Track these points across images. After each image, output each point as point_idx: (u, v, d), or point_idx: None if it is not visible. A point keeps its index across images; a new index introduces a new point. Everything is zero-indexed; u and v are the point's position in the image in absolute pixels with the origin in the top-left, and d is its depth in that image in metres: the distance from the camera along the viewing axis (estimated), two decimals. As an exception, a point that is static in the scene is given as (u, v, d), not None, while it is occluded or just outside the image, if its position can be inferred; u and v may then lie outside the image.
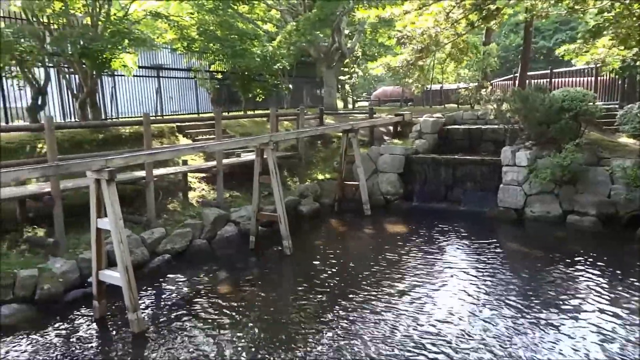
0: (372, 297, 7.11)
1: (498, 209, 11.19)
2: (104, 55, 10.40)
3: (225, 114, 15.92)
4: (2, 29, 9.55)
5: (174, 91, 18.38)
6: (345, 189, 12.67)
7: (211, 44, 13.90)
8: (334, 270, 8.38)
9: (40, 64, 10.62)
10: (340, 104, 23.61)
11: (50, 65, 11.16)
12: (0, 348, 5.89)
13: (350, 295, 7.22)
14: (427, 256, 8.81)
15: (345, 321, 6.41)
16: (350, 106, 26.67)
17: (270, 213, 9.75)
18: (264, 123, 16.33)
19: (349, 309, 6.77)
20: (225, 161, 11.00)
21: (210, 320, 6.55)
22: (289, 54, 16.76)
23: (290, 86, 19.90)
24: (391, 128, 15.62)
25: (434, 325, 6.20)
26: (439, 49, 16.24)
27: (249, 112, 18.36)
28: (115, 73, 13.86)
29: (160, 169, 10.10)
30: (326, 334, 6.11)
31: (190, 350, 5.78)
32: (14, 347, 5.94)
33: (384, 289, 7.41)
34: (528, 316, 6.35)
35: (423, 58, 15.18)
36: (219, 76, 18.70)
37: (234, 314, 6.76)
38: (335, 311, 6.73)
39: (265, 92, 18.59)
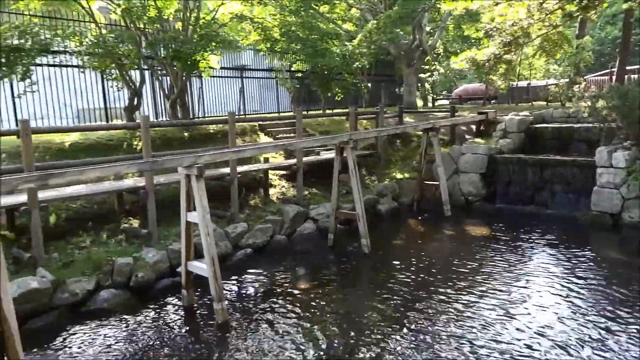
0: (451, 301, 6.91)
1: (591, 213, 10.44)
2: (193, 58, 10.94)
3: (304, 112, 16.19)
4: (105, 35, 10.35)
5: (256, 91, 18.99)
6: (425, 189, 12.42)
7: (293, 44, 14.20)
8: (412, 270, 8.25)
9: (136, 67, 11.38)
10: (419, 103, 23.16)
11: (145, 68, 11.92)
12: (97, 329, 6.39)
13: (429, 297, 7.07)
14: (512, 263, 8.34)
15: (423, 323, 6.28)
16: (430, 104, 26.11)
17: (349, 211, 9.78)
18: (343, 122, 16.41)
19: (427, 311, 6.63)
20: (305, 159, 11.19)
21: (289, 314, 6.69)
22: (368, 52, 16.70)
23: (369, 85, 19.83)
24: (473, 127, 15.08)
25: (518, 338, 5.85)
26: (528, 42, 15.44)
27: (327, 111, 18.54)
28: (202, 74, 14.55)
29: (243, 166, 10.47)
30: (403, 334, 6.03)
31: (269, 342, 5.93)
32: (111, 328, 6.41)
33: (463, 294, 7.14)
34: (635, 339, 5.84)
35: (511, 51, 14.48)
36: (299, 76, 19.05)
37: (312, 309, 6.86)
38: (413, 312, 6.62)
39: (344, 91, 18.69)
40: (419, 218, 11.80)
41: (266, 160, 11.43)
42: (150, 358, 5.66)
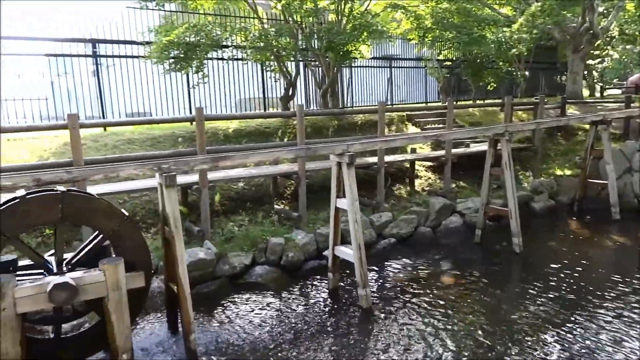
0: (615, 315, 6.17)
1: None
2: (345, 48, 11.20)
3: (454, 103, 15.63)
4: (266, 29, 11.09)
5: (403, 80, 18.80)
6: (589, 188, 11.20)
7: (446, 32, 13.73)
8: (568, 276, 7.53)
9: (292, 58, 12.01)
10: (585, 92, 20.87)
11: (300, 59, 12.51)
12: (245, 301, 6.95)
13: (586, 306, 6.41)
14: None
15: (579, 333, 5.72)
16: (597, 94, 23.39)
17: (500, 207, 9.24)
18: (495, 113, 15.53)
19: (583, 320, 6.02)
20: (453, 151, 10.82)
21: (431, 307, 6.58)
22: (529, 38, 15.46)
23: (527, 73, 18.40)
24: (653, 120, 13.17)
25: None
26: None
27: (478, 102, 17.67)
28: (352, 64, 14.83)
29: (390, 155, 10.48)
30: (555, 343, 5.55)
31: (410, 332, 5.90)
32: (264, 301, 6.92)
33: (623, 308, 6.33)
34: None
35: None
36: (449, 64, 18.40)
37: (455, 305, 6.66)
38: (566, 320, 6.06)
39: (498, 80, 17.59)
40: (580, 219, 10.70)
41: (413, 150, 11.30)
42: (297, 332, 6.00)
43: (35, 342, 4.88)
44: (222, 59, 12.00)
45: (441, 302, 6.74)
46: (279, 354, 5.49)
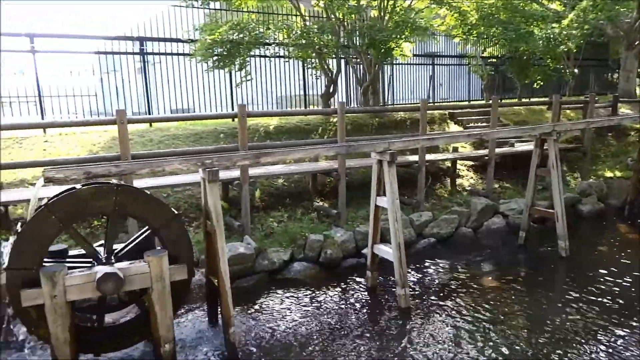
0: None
1: None
2: (387, 45, 11.08)
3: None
4: (308, 27, 11.10)
5: (445, 78, 18.47)
6: (642, 191, 10.70)
7: (492, 29, 13.36)
8: (617, 282, 7.22)
9: (334, 55, 11.99)
10: (639, 91, 19.92)
11: (342, 56, 12.47)
12: (283, 296, 7.00)
13: (634, 316, 6.12)
14: None
15: (624, 344, 5.48)
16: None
17: (545, 209, 8.95)
18: (542, 112, 15.06)
19: (630, 331, 5.75)
20: (497, 150, 10.54)
21: (471, 310, 6.45)
22: (579, 34, 14.87)
23: (576, 71, 17.71)
24: None
25: None
26: None
27: (524, 100, 17.15)
28: (394, 62, 14.67)
29: (431, 154, 10.32)
30: (599, 353, 5.34)
31: (449, 334, 5.82)
32: (302, 297, 6.95)
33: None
34: None
35: None
36: (494, 62, 17.93)
37: (495, 308, 6.50)
38: (612, 329, 5.81)
39: (545, 77, 17.01)
40: (631, 224, 10.23)
41: (455, 149, 11.08)
42: (335, 329, 5.99)
43: (82, 330, 5.06)
44: (265, 56, 12.10)
45: (481, 305, 6.59)
46: (316, 350, 5.51)
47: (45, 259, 4.66)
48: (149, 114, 11.23)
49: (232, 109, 11.89)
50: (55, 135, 9.41)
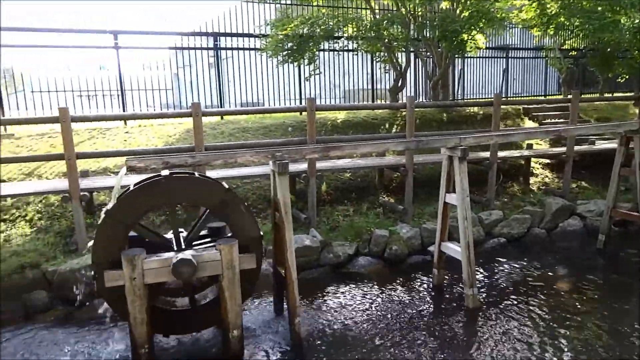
0: None
1: None
2: (460, 37, 10.75)
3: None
4: (378, 19, 11.00)
5: (519, 72, 17.68)
6: None
7: (574, 19, 12.57)
8: None
9: (403, 49, 11.80)
10: None
11: (411, 49, 12.26)
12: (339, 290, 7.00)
13: None
14: None
15: None
16: None
17: (629, 211, 8.37)
18: (626, 107, 14.10)
19: None
20: (575, 148, 9.97)
21: (542, 314, 6.15)
22: (674, 23, 13.68)
23: (667, 63, 16.35)
24: None
25: None
26: None
27: (606, 95, 16.09)
28: (466, 55, 14.22)
29: (503, 151, 9.93)
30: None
31: (518, 339, 5.57)
32: (366, 292, 6.93)
33: None
34: None
35: None
36: (574, 54, 16.94)
37: (568, 313, 6.16)
38: None
39: (631, 71, 15.83)
40: None
41: (529, 146, 10.61)
42: (398, 326, 5.92)
43: (157, 311, 5.33)
44: (333, 50, 12.13)
45: (554, 310, 6.27)
46: (380, 346, 5.47)
47: (127, 241, 4.95)
48: (221, 107, 11.60)
49: (300, 103, 12.04)
50: (134, 127, 9.96)
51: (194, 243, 5.35)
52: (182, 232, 5.43)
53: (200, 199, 5.28)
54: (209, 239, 5.54)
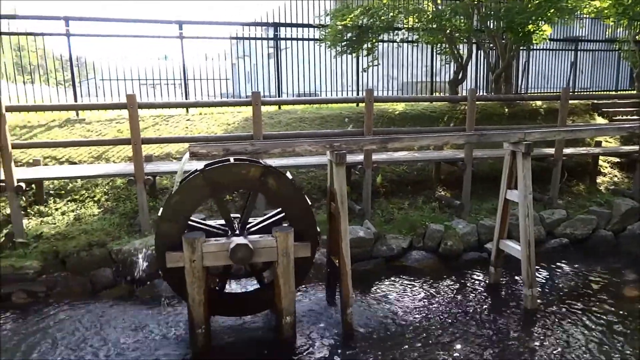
0: None
1: None
2: (527, 28, 10.31)
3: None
4: (440, 10, 10.73)
5: (588, 65, 16.77)
6: None
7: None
8: None
9: (465, 40, 11.47)
10: None
11: (474, 41, 11.90)
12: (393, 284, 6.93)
13: None
14: None
15: None
16: None
17: None
18: None
19: None
20: (650, 147, 9.37)
21: (606, 321, 5.83)
22: None
23: None
24: None
25: None
26: None
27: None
28: (531, 47, 13.65)
29: (569, 148, 9.48)
30: None
31: (578, 344, 5.32)
32: (420, 286, 6.84)
33: None
34: None
35: None
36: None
37: (634, 322, 5.82)
38: None
39: None
40: None
41: (598, 144, 10.06)
42: (451, 322, 5.81)
43: (214, 293, 5.49)
44: (393, 41, 11.96)
45: (619, 318, 5.95)
46: (431, 343, 5.39)
47: (188, 224, 5.12)
48: (279, 97, 11.73)
49: (357, 94, 11.98)
50: (195, 115, 10.26)
51: (252, 229, 5.45)
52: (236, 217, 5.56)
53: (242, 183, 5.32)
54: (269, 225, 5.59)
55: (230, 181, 5.15)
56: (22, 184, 6.87)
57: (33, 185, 7.55)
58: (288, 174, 5.59)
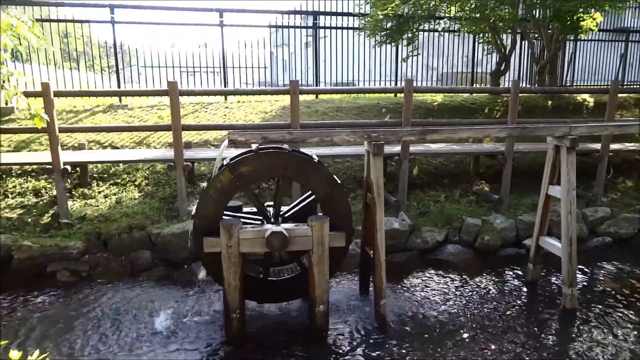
0: None
1: None
2: (575, 17, 9.90)
3: None
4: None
5: (639, 58, 16.01)
6: None
7: None
8: None
9: (509, 30, 11.13)
10: None
11: (518, 31, 11.53)
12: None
13: None
14: None
15: None
16: None
17: None
18: None
19: None
20: None
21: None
22: None
23: None
24: None
25: None
26: None
27: None
28: (579, 37, 13.14)
29: (616, 143, 9.10)
30: None
31: (618, 347, 5.14)
32: (454, 281, 6.74)
33: None
34: None
35: None
36: None
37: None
38: None
39: None
40: None
41: (647, 140, 9.64)
42: (486, 318, 5.72)
43: (249, 279, 5.57)
44: (434, 30, 11.73)
45: (666, 320, 5.72)
46: (466, 338, 5.32)
47: (224, 212, 5.19)
48: (316, 86, 11.70)
49: (395, 84, 11.83)
50: (233, 103, 10.36)
51: (286, 217, 5.49)
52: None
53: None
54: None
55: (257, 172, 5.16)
56: (68, 167, 7.12)
57: (78, 168, 7.81)
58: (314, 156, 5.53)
